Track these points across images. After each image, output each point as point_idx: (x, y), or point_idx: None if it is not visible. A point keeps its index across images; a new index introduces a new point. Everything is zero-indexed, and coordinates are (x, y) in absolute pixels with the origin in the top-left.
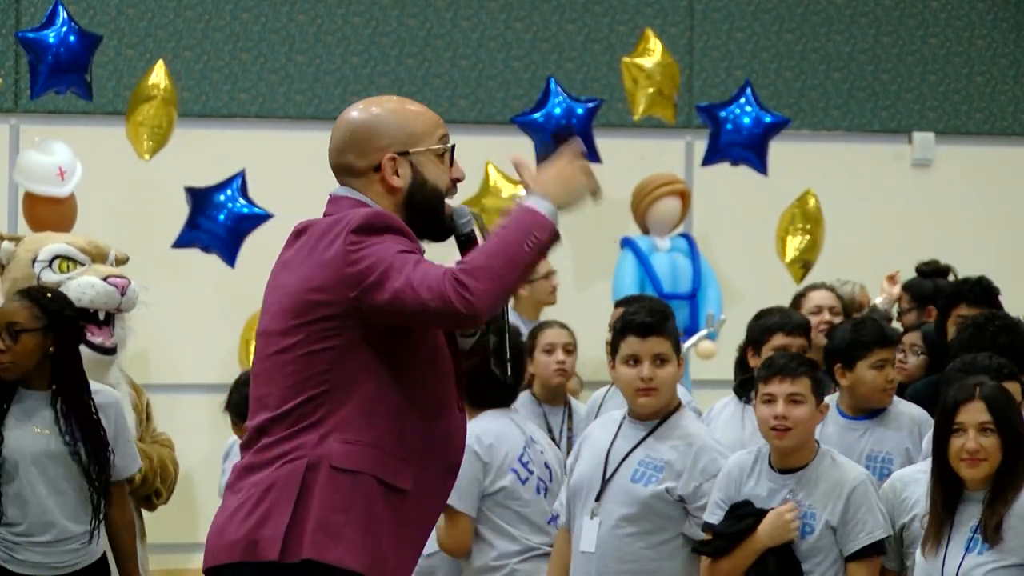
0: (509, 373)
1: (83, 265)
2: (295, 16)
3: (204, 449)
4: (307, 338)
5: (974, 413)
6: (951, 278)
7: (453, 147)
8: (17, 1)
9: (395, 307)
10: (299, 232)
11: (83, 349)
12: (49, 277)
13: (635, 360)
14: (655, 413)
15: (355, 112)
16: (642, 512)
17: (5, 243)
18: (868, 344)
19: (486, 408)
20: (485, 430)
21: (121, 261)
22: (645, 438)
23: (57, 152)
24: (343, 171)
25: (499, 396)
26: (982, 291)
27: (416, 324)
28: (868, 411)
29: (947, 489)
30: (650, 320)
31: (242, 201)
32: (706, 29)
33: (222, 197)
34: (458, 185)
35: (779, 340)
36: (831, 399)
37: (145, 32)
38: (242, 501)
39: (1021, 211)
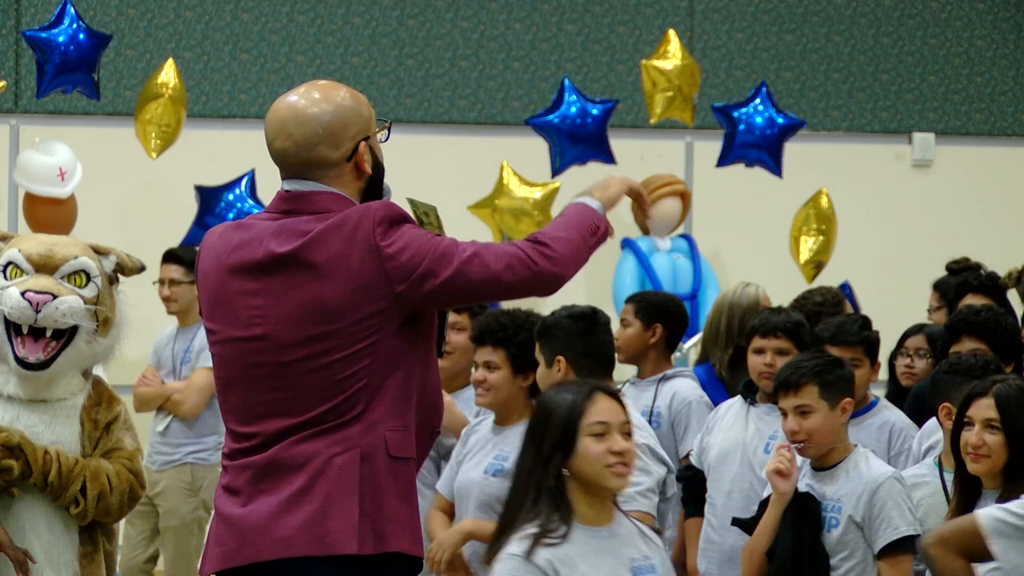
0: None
1: (27, 274)
2: (295, 16)
3: None
4: (345, 341)
5: (983, 409)
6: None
7: (390, 123)
8: (17, 1)
9: (457, 287)
10: (281, 231)
11: (12, 363)
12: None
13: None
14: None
15: (311, 105)
16: None
17: None
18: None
19: None
20: None
21: (131, 269)
22: None
23: (57, 153)
24: (313, 165)
25: None
26: (990, 283)
27: (481, 298)
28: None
29: (966, 484)
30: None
31: (251, 201)
32: (706, 29)
33: (231, 196)
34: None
35: (757, 343)
36: None
37: (145, 33)
38: (286, 497)
39: (1021, 211)
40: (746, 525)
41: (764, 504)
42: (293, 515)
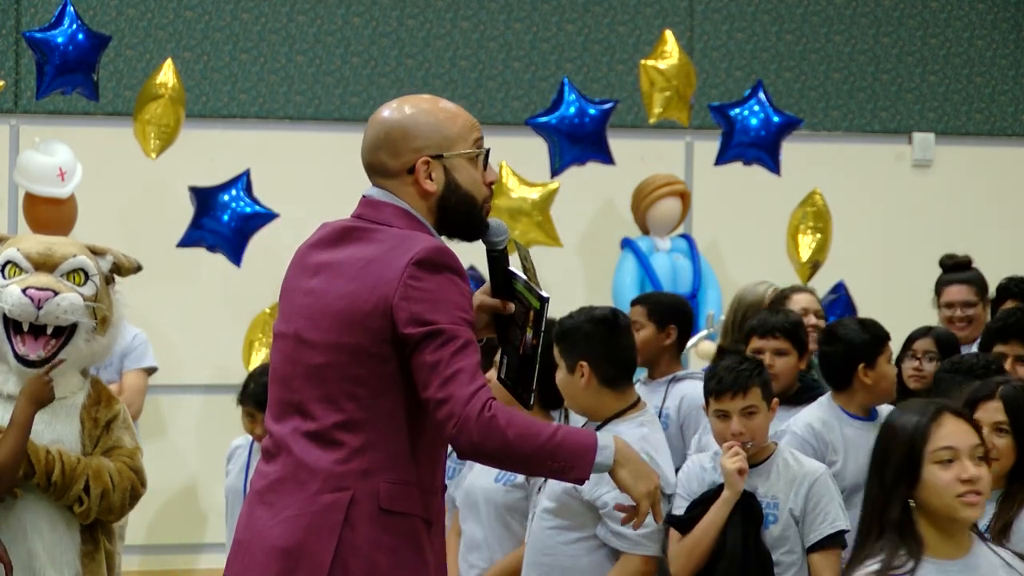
0: (532, 402)
1: (26, 272)
2: (295, 16)
3: (208, 450)
4: (353, 359)
5: (990, 412)
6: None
7: (488, 151)
8: (17, 1)
9: (413, 371)
10: (344, 232)
11: (12, 361)
12: None
13: None
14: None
15: (388, 111)
16: (558, 508)
17: None
18: (884, 339)
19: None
20: None
21: (128, 269)
22: None
23: (57, 153)
24: (376, 170)
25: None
26: None
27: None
28: (871, 411)
29: None
30: None
31: (247, 201)
32: (706, 29)
33: (226, 197)
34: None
35: (755, 343)
36: (825, 400)
37: (145, 33)
38: (278, 519)
39: (1021, 211)
40: (681, 524)
41: (696, 504)
42: (275, 541)
